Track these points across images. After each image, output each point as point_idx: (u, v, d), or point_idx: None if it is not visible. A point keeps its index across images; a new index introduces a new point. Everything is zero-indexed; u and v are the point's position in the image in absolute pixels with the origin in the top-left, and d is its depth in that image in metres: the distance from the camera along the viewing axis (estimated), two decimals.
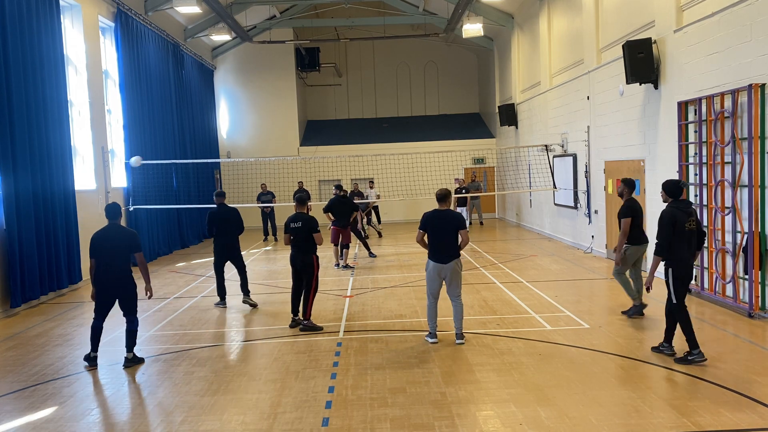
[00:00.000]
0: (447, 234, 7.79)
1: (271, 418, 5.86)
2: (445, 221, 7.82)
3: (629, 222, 8.73)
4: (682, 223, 6.88)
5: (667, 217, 6.91)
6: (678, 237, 6.87)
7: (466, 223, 7.92)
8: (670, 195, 7.10)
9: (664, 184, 7.21)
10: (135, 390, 6.80)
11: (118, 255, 7.48)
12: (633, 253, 8.90)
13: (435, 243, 7.84)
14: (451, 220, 7.83)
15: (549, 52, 18.22)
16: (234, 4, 21.74)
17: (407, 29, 26.84)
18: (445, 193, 7.96)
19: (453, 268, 7.82)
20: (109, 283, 7.48)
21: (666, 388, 6.24)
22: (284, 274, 13.40)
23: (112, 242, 7.45)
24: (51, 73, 12.37)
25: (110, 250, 7.43)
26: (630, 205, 8.83)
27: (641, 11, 12.28)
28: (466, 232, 7.87)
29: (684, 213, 6.94)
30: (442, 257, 7.80)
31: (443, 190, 7.99)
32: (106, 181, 15.02)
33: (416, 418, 5.71)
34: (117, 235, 7.53)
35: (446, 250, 7.80)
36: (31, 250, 11.32)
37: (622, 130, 13.05)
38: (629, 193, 8.99)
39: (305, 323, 8.92)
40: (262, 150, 24.97)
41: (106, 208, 7.68)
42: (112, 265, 7.44)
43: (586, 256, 14.66)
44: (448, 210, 7.94)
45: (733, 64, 9.17)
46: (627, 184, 9.04)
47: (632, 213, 8.76)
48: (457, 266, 7.87)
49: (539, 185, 18.40)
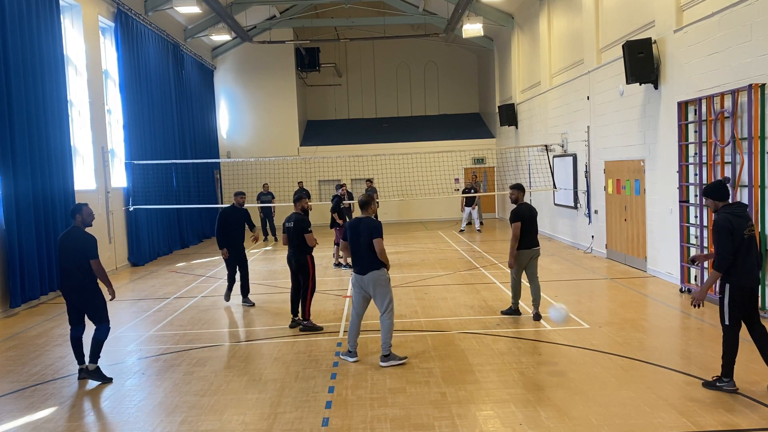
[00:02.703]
0: (361, 244, 7.21)
1: (271, 418, 5.86)
2: (359, 230, 7.24)
3: (519, 227, 8.81)
4: (741, 229, 5.93)
5: (723, 225, 5.90)
6: (738, 246, 5.91)
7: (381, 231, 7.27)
8: (719, 199, 6.08)
9: (707, 190, 6.19)
10: (135, 390, 6.80)
11: (72, 261, 6.97)
12: (519, 257, 8.95)
13: (353, 252, 7.35)
14: (364, 229, 7.20)
15: (549, 52, 18.22)
16: (234, 4, 21.74)
17: (407, 29, 26.84)
18: (365, 200, 7.46)
19: (374, 280, 7.21)
20: (66, 289, 7.09)
21: (666, 388, 6.23)
22: (284, 274, 13.39)
23: (67, 247, 7.01)
24: (51, 73, 12.37)
25: (66, 255, 7.00)
26: (516, 211, 8.93)
27: (641, 11, 12.28)
28: (380, 241, 7.16)
29: (741, 218, 5.97)
30: (359, 268, 7.29)
31: (365, 196, 7.52)
32: (106, 181, 15.02)
33: (416, 418, 5.71)
34: (73, 240, 7.02)
35: (361, 261, 7.25)
36: (31, 250, 11.32)
37: (622, 130, 13.05)
38: (522, 197, 9.10)
39: (305, 323, 8.92)
40: (262, 150, 24.97)
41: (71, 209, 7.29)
42: (68, 270, 7.00)
43: (586, 256, 14.66)
44: (367, 218, 7.35)
45: (733, 64, 9.17)
46: (518, 188, 9.15)
47: (519, 218, 8.84)
48: (379, 278, 7.20)
49: (539, 185, 18.40)
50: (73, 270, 6.95)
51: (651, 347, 7.56)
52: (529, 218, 8.94)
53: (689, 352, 7.40)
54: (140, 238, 16.22)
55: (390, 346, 7.28)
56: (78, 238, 7.00)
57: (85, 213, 7.13)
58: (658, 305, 9.73)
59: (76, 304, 7.11)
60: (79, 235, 7.02)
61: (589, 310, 9.54)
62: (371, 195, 7.82)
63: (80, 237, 7.01)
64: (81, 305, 7.11)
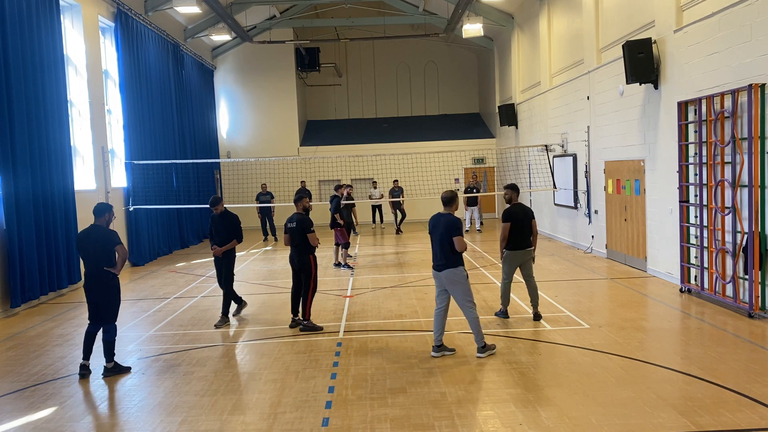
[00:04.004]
0: (438, 240, 7.27)
1: (271, 418, 5.86)
2: (438, 226, 7.29)
3: (508, 227, 8.76)
4: None
5: None
6: None
7: (461, 229, 7.28)
8: None
9: None
10: (135, 390, 6.79)
11: (97, 255, 7.23)
12: (509, 258, 8.93)
13: (432, 250, 7.42)
14: (443, 225, 7.22)
15: (549, 52, 18.22)
16: (234, 4, 21.74)
17: (407, 29, 26.85)
18: (450, 197, 7.37)
19: (448, 278, 7.30)
20: (89, 284, 7.31)
21: (666, 388, 6.24)
22: (284, 274, 13.41)
23: (92, 241, 7.27)
24: (51, 73, 12.37)
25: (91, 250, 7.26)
26: (508, 211, 8.88)
27: (641, 11, 12.28)
28: (460, 239, 7.22)
29: None
30: (435, 265, 7.40)
31: (448, 192, 7.43)
32: (106, 181, 15.02)
33: (416, 418, 5.71)
34: (97, 234, 7.30)
35: (436, 258, 7.36)
36: (31, 250, 11.32)
37: (622, 130, 13.05)
38: (516, 198, 9.02)
39: (305, 323, 8.92)
40: (262, 150, 24.98)
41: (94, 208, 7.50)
42: (91, 266, 7.25)
43: (586, 256, 14.66)
44: (447, 214, 7.35)
45: (733, 64, 9.17)
46: (512, 189, 9.09)
47: (509, 218, 8.79)
48: (454, 276, 7.26)
49: (539, 185, 18.40)
50: (97, 264, 7.21)
51: (651, 347, 7.56)
52: (522, 219, 8.83)
53: (689, 352, 7.40)
54: (140, 238, 16.23)
55: (483, 337, 7.39)
56: (101, 233, 7.30)
57: (110, 214, 7.50)
58: (658, 305, 9.73)
59: (96, 300, 7.32)
60: (102, 230, 7.34)
61: (589, 310, 9.54)
62: (455, 191, 7.62)
63: (103, 231, 7.33)
64: (101, 300, 7.30)
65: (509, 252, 8.91)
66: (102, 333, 7.33)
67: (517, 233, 8.82)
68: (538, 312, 9.02)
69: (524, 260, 8.97)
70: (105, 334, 7.31)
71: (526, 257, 8.96)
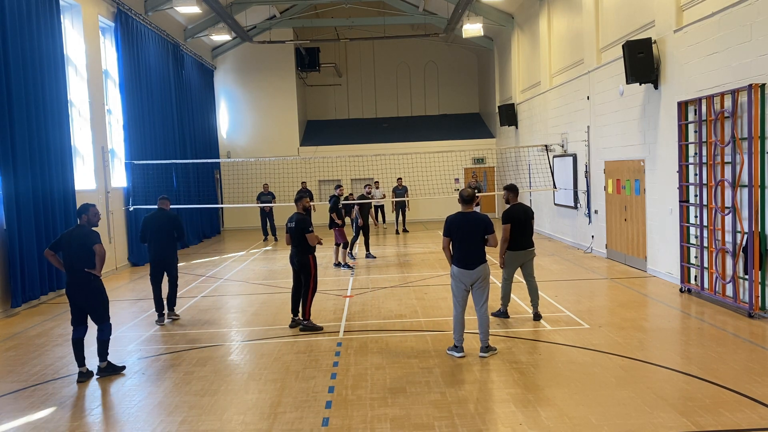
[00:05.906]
0: (473, 239, 7.32)
1: (271, 418, 5.86)
2: (470, 225, 7.35)
3: (508, 229, 8.75)
4: None
5: None
6: None
7: (493, 225, 7.42)
8: None
9: None
10: (135, 390, 6.79)
11: (77, 256, 7.10)
12: (510, 258, 8.92)
13: (460, 248, 7.38)
14: (478, 224, 7.34)
15: (549, 52, 18.22)
16: (234, 4, 21.75)
17: (407, 29, 26.85)
18: (470, 196, 7.46)
19: (484, 273, 7.35)
20: (71, 287, 7.17)
21: (666, 388, 6.24)
22: (284, 274, 13.41)
23: (71, 243, 7.15)
24: (51, 73, 12.37)
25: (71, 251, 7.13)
26: (508, 211, 8.88)
27: (641, 11, 12.28)
28: (494, 236, 7.39)
29: None
30: (470, 263, 7.33)
31: (469, 191, 7.51)
32: (106, 181, 15.02)
33: (416, 418, 5.71)
34: (77, 235, 7.18)
35: (472, 255, 7.34)
36: (31, 250, 11.32)
37: (622, 130, 13.06)
38: (514, 198, 9.02)
39: (305, 323, 8.92)
40: (262, 150, 24.98)
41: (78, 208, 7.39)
42: (73, 267, 7.11)
43: (586, 256, 14.66)
44: (474, 212, 7.47)
45: (733, 64, 9.17)
46: (511, 189, 9.08)
47: (509, 219, 8.79)
48: (486, 270, 7.38)
49: (539, 185, 18.40)
50: (79, 265, 7.08)
51: (651, 347, 7.56)
52: (523, 220, 8.84)
53: (689, 352, 7.40)
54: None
55: (488, 337, 7.47)
56: (82, 234, 7.17)
57: (91, 213, 7.32)
58: (658, 305, 9.73)
59: (80, 303, 7.18)
60: (84, 230, 7.21)
61: (589, 310, 9.54)
62: (474, 190, 7.76)
63: (84, 232, 7.20)
64: (85, 303, 7.18)
65: (510, 252, 8.92)
66: (97, 332, 7.27)
67: (519, 233, 8.83)
68: (539, 312, 9.02)
69: (526, 260, 8.98)
70: (100, 334, 7.24)
71: (528, 257, 8.98)
